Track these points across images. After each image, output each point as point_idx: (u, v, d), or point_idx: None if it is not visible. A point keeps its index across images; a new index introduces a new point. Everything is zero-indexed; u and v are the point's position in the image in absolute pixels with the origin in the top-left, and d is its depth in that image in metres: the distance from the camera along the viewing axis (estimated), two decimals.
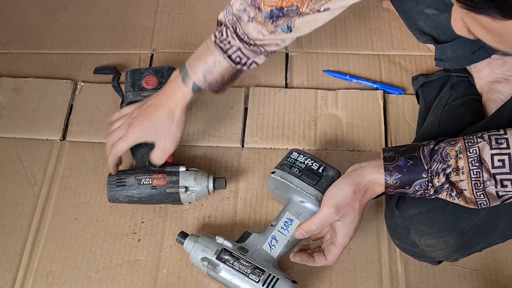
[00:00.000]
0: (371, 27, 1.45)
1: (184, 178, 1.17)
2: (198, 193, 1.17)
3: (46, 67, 1.46)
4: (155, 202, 1.19)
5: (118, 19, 1.53)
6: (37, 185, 1.28)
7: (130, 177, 1.17)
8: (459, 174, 0.90)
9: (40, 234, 1.22)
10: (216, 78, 1.09)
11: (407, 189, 0.94)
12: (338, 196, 0.96)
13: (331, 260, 1.02)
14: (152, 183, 1.16)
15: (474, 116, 1.10)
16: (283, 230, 1.11)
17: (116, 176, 1.18)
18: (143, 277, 1.16)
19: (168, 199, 1.18)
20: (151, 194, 1.17)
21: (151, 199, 1.17)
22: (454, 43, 1.15)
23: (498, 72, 1.14)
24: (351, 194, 0.96)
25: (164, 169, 1.18)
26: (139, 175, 1.17)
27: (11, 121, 1.37)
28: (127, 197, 1.17)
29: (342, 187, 0.97)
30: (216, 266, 1.07)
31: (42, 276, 1.17)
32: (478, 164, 0.88)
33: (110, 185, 1.17)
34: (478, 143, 0.89)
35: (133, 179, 1.17)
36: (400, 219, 1.03)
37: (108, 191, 1.17)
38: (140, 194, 1.17)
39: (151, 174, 1.17)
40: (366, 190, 0.96)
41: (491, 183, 0.88)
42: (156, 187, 1.16)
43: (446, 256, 1.03)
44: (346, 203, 0.96)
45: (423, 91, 1.25)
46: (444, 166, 0.91)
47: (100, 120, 1.35)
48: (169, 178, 1.16)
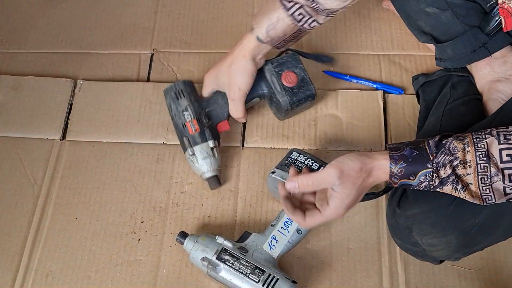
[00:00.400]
0: (371, 27, 1.45)
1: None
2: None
3: (46, 66, 1.46)
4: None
5: (118, 18, 1.53)
6: (37, 184, 1.28)
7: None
8: (466, 167, 0.89)
9: (40, 233, 1.22)
10: (279, 34, 1.13)
11: (412, 180, 0.93)
12: (346, 164, 0.94)
13: (307, 224, 0.98)
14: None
15: (475, 116, 1.10)
16: (283, 230, 1.11)
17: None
18: (143, 277, 1.16)
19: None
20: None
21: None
22: (454, 42, 1.15)
23: (499, 71, 1.14)
24: (357, 169, 0.94)
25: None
26: None
27: (10, 120, 1.37)
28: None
29: (352, 159, 0.94)
30: (216, 266, 1.07)
31: (42, 276, 1.17)
32: (486, 159, 0.88)
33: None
34: (486, 138, 0.89)
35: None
36: (402, 218, 1.03)
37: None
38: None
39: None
40: (371, 173, 0.95)
41: (499, 178, 0.87)
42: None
43: (447, 255, 1.03)
44: (350, 174, 0.94)
45: (423, 91, 1.25)
46: (451, 158, 0.90)
47: (100, 119, 1.35)
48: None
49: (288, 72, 1.20)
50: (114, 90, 1.39)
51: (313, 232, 1.17)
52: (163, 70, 1.43)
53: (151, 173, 1.28)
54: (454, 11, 1.13)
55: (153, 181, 1.27)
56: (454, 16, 1.13)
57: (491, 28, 1.10)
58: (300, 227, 1.11)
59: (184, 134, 1.16)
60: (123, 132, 1.33)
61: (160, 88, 1.38)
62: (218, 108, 1.21)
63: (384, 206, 1.20)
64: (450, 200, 0.95)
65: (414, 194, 1.01)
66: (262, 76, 1.19)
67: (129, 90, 1.39)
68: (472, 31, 1.12)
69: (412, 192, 1.02)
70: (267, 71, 1.19)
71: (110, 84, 1.41)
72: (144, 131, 1.33)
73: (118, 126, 1.34)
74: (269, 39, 1.14)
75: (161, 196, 1.25)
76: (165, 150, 1.31)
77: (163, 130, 1.33)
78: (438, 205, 0.96)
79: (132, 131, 1.33)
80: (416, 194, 1.00)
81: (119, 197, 1.25)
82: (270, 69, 1.18)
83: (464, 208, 0.93)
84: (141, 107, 1.36)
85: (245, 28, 1.46)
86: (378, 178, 0.96)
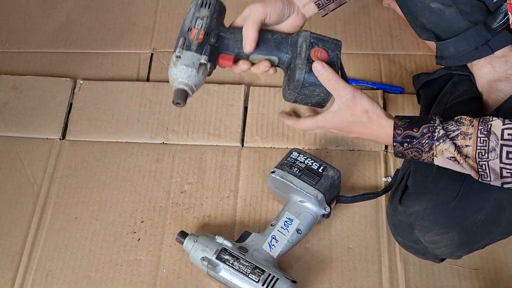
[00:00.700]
0: (371, 27, 1.45)
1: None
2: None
3: (46, 66, 1.46)
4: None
5: (118, 18, 1.53)
6: (36, 184, 1.28)
7: None
8: (466, 138, 0.89)
9: (39, 233, 1.22)
10: None
11: (415, 132, 0.92)
12: (359, 96, 0.94)
13: (299, 124, 0.99)
14: None
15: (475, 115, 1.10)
16: (283, 230, 1.11)
17: None
18: (142, 277, 1.16)
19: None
20: None
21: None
22: (457, 39, 1.15)
23: (500, 71, 1.14)
24: (364, 109, 0.94)
25: None
26: None
27: (10, 120, 1.37)
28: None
29: (366, 99, 0.95)
30: (216, 266, 1.07)
31: (41, 276, 1.17)
32: (486, 133, 0.88)
33: None
34: (493, 120, 0.89)
35: None
36: (404, 215, 1.03)
37: None
38: None
39: None
40: (371, 122, 0.95)
41: (496, 154, 0.87)
42: None
43: (449, 253, 1.03)
44: (356, 107, 0.94)
45: (424, 91, 1.25)
46: (454, 128, 0.90)
47: (100, 118, 1.35)
48: None
49: (321, 50, 1.01)
50: (114, 90, 1.39)
51: (313, 232, 1.17)
52: (163, 69, 1.43)
53: (151, 173, 1.28)
54: (458, 8, 1.13)
55: (153, 181, 1.27)
56: (458, 13, 1.13)
57: (498, 24, 1.10)
58: (300, 227, 1.11)
59: (184, 35, 1.00)
60: (123, 132, 1.33)
61: (160, 87, 1.39)
62: (232, 40, 1.02)
63: (383, 206, 1.20)
64: (452, 197, 0.95)
65: (415, 191, 1.01)
66: (293, 40, 1.01)
67: (129, 89, 1.39)
68: (476, 28, 1.12)
69: (413, 188, 1.02)
70: (301, 36, 1.00)
71: (110, 83, 1.41)
72: (143, 130, 1.33)
73: (118, 125, 1.34)
74: None
75: (161, 195, 1.25)
76: (165, 149, 1.31)
77: (163, 130, 1.33)
78: (440, 201, 0.97)
79: (132, 130, 1.33)
80: (418, 190, 1.00)
81: (119, 197, 1.25)
82: (306, 35, 1.00)
83: (466, 204, 0.93)
84: (140, 107, 1.36)
85: None
86: (374, 134, 0.96)
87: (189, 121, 1.33)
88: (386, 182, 1.23)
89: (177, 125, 1.33)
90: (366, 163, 1.26)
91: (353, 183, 1.24)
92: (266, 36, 0.99)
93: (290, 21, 1.00)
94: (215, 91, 1.37)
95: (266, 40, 0.99)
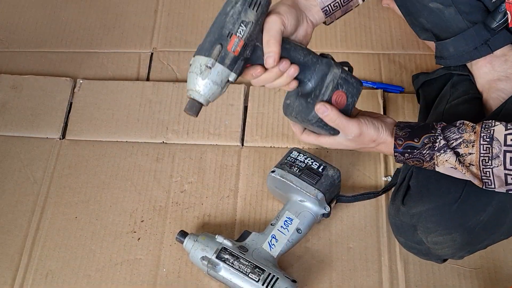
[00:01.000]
0: (370, 26, 1.45)
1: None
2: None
3: (46, 65, 1.46)
4: None
5: (118, 18, 1.53)
6: (36, 183, 1.28)
7: None
8: (468, 146, 0.90)
9: (39, 233, 1.22)
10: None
11: (416, 142, 0.93)
12: (366, 130, 0.94)
13: (302, 137, 0.99)
14: None
15: (475, 115, 1.10)
16: (283, 229, 1.11)
17: None
18: (142, 276, 1.16)
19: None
20: None
21: None
22: (456, 39, 1.15)
23: (499, 70, 1.14)
24: (372, 139, 0.95)
25: None
26: None
27: (10, 119, 1.37)
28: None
29: (373, 128, 0.95)
30: (216, 265, 1.07)
31: (41, 275, 1.17)
32: (489, 140, 0.88)
33: None
34: (495, 125, 0.90)
35: None
36: (406, 216, 1.03)
37: None
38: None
39: None
40: (378, 145, 0.96)
41: (500, 161, 0.87)
42: None
43: (452, 254, 1.03)
44: (363, 140, 0.95)
45: (423, 90, 1.25)
46: (457, 137, 0.91)
47: (100, 118, 1.35)
48: None
49: (343, 94, 0.96)
50: (114, 89, 1.39)
51: (313, 231, 1.17)
52: (163, 69, 1.43)
53: (151, 172, 1.28)
54: (457, 8, 1.13)
55: (153, 180, 1.27)
56: (457, 13, 1.13)
57: (498, 24, 1.10)
58: (300, 226, 1.11)
59: (221, 41, 0.88)
60: (122, 131, 1.33)
61: (160, 87, 1.39)
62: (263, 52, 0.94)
63: (383, 206, 1.20)
64: (456, 198, 0.95)
65: (418, 192, 1.01)
66: (322, 73, 0.94)
67: (129, 89, 1.39)
68: (475, 27, 1.12)
69: (416, 190, 1.02)
70: (332, 73, 0.94)
71: (110, 83, 1.41)
72: (143, 130, 1.33)
73: (118, 125, 1.34)
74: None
75: (161, 195, 1.25)
76: (165, 149, 1.31)
77: (163, 129, 1.33)
78: (443, 202, 0.97)
79: (132, 130, 1.33)
80: (421, 191, 1.00)
81: (119, 196, 1.25)
82: (336, 74, 0.94)
83: (469, 205, 0.93)
84: (140, 106, 1.36)
85: None
86: (381, 150, 0.97)
87: (189, 120, 1.33)
88: (386, 182, 1.23)
89: (177, 124, 1.33)
90: (366, 163, 1.26)
91: (353, 182, 1.24)
92: (297, 57, 0.92)
93: (301, 29, 0.95)
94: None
95: (296, 61, 0.92)
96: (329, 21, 1.01)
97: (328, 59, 0.95)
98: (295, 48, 0.92)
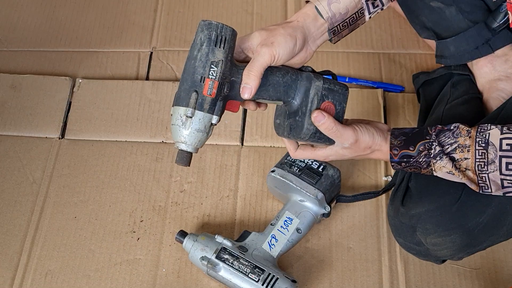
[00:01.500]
0: (371, 26, 1.45)
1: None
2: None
3: (45, 65, 1.46)
4: None
5: (117, 17, 1.53)
6: (35, 183, 1.27)
7: None
8: (464, 151, 0.89)
9: (39, 232, 1.21)
10: (341, 10, 0.96)
11: (411, 150, 0.93)
12: (362, 137, 0.94)
13: (296, 154, 0.98)
14: None
15: (475, 115, 1.10)
16: (283, 229, 1.10)
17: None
18: (142, 276, 1.15)
19: None
20: None
21: None
22: (457, 38, 1.15)
23: (500, 70, 1.14)
24: (368, 146, 0.95)
25: None
26: None
27: (9, 119, 1.36)
28: None
29: (369, 135, 0.95)
30: (215, 265, 1.07)
31: (41, 275, 1.16)
32: (484, 145, 0.88)
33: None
34: (491, 129, 0.89)
35: None
36: (406, 217, 1.03)
37: None
38: None
39: None
40: (373, 152, 0.96)
41: (495, 166, 0.87)
42: None
43: (451, 255, 1.03)
44: (360, 146, 0.95)
45: (424, 90, 1.25)
46: (452, 141, 0.91)
47: (99, 117, 1.35)
48: None
49: (330, 104, 0.95)
50: (113, 89, 1.39)
51: (313, 231, 1.17)
52: (162, 68, 1.43)
53: (150, 172, 1.27)
54: (459, 7, 1.13)
55: (152, 180, 1.26)
56: (458, 12, 1.13)
57: (498, 24, 1.10)
58: (300, 226, 1.11)
59: (196, 88, 0.88)
60: (122, 131, 1.33)
61: (159, 86, 1.38)
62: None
63: (384, 205, 1.20)
64: (455, 199, 0.95)
65: (417, 193, 1.01)
66: (305, 88, 0.93)
67: (128, 88, 1.39)
68: (476, 27, 1.12)
69: (415, 191, 1.01)
70: (314, 87, 0.93)
71: (109, 82, 1.40)
72: (143, 129, 1.33)
73: (117, 124, 1.34)
74: (328, 15, 0.95)
75: (160, 195, 1.24)
76: (164, 148, 1.30)
77: (162, 129, 1.32)
78: (442, 204, 0.96)
79: (131, 129, 1.33)
80: (420, 192, 1.00)
81: (118, 196, 1.25)
82: (318, 87, 0.93)
83: (468, 207, 0.93)
84: (140, 106, 1.36)
85: (245, 27, 1.46)
86: (377, 157, 0.97)
87: None
88: (386, 182, 1.23)
89: None
90: (366, 162, 1.25)
91: (353, 182, 1.24)
92: (276, 79, 0.92)
93: (297, 57, 0.94)
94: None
95: (276, 83, 0.92)
96: (335, 40, 1.00)
97: (308, 73, 0.95)
98: (271, 71, 0.91)
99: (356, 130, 0.94)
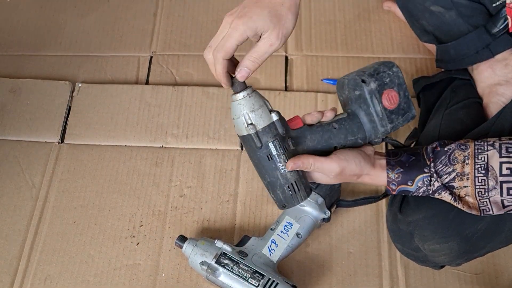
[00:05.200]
0: (371, 30, 1.45)
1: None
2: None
3: (45, 69, 1.45)
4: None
5: (117, 21, 1.53)
6: (35, 188, 1.27)
7: None
8: (463, 179, 0.89)
9: (38, 237, 1.21)
10: None
11: (410, 186, 0.93)
12: (348, 166, 0.92)
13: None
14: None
15: (475, 120, 1.10)
16: (282, 234, 1.10)
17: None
18: (141, 281, 1.15)
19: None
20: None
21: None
22: (457, 42, 1.14)
23: (500, 74, 1.13)
24: (355, 174, 0.93)
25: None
26: None
27: (9, 123, 1.36)
28: None
29: (355, 163, 0.92)
30: (215, 270, 1.07)
31: (40, 280, 1.16)
32: (484, 172, 0.88)
33: None
34: (488, 150, 0.89)
35: None
36: (403, 224, 1.02)
37: None
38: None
39: None
40: (363, 179, 0.95)
41: (497, 192, 0.87)
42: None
43: (449, 261, 1.03)
44: (346, 175, 0.93)
45: (424, 94, 1.25)
46: (449, 170, 0.90)
47: (99, 122, 1.35)
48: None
49: (389, 90, 0.90)
50: (113, 93, 1.39)
51: (313, 236, 1.17)
52: (162, 72, 1.43)
53: (150, 177, 1.27)
54: (459, 11, 1.12)
55: (152, 185, 1.26)
56: (458, 16, 1.13)
57: (498, 29, 1.10)
58: (300, 231, 1.10)
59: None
60: (121, 135, 1.33)
61: (159, 91, 1.38)
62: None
63: (384, 210, 1.19)
64: (452, 206, 0.95)
65: (415, 200, 1.01)
66: (359, 104, 0.91)
67: (128, 93, 1.39)
68: (477, 31, 1.12)
69: (413, 197, 1.01)
70: (368, 92, 0.89)
71: (109, 86, 1.40)
72: (143, 134, 1.33)
73: (117, 129, 1.34)
74: None
75: (160, 199, 1.24)
76: (164, 153, 1.30)
77: (162, 133, 1.32)
78: (440, 211, 0.96)
79: (131, 134, 1.33)
80: (418, 199, 1.00)
81: (118, 201, 1.24)
82: (371, 90, 0.89)
83: (466, 214, 0.93)
84: (140, 110, 1.36)
85: None
86: (365, 181, 0.96)
87: (189, 124, 1.33)
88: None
89: (177, 128, 1.33)
90: None
91: (353, 187, 1.24)
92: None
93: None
94: (215, 94, 1.36)
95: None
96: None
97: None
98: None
99: (341, 160, 0.92)
